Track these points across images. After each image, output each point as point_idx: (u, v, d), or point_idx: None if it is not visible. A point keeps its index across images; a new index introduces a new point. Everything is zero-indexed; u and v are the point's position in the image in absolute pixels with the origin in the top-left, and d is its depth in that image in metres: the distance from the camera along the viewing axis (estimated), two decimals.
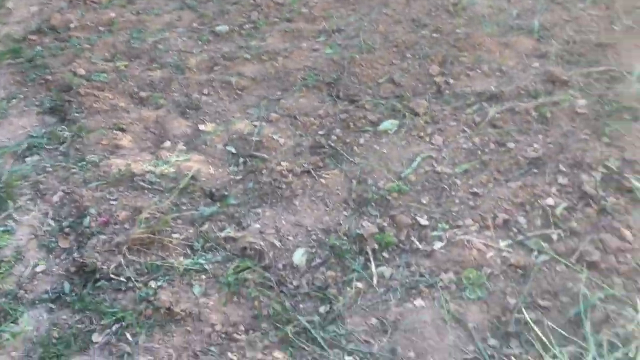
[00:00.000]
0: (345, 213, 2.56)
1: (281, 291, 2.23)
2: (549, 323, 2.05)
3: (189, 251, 2.37)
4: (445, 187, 2.64)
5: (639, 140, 2.74)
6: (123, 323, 2.09)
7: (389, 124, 3.02)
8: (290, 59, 3.58)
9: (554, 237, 2.36)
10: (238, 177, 2.77)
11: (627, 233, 2.33)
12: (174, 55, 3.69)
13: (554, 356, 1.92)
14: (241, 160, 2.87)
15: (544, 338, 1.98)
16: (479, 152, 2.80)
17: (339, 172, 2.76)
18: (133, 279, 2.23)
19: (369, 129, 3.01)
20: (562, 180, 2.59)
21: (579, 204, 2.48)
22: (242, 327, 2.09)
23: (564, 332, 2.01)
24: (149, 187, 2.68)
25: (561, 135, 2.85)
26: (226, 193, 2.67)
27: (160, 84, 3.42)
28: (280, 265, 2.34)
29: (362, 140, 2.94)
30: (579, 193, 2.53)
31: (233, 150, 2.93)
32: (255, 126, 3.06)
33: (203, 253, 2.37)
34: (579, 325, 2.03)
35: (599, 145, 2.73)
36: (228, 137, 3.02)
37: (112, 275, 2.26)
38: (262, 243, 2.39)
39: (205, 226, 2.48)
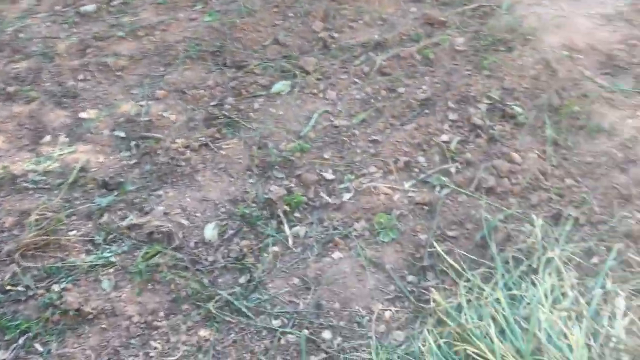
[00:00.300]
0: (250, 180, 2.51)
1: (197, 269, 2.16)
2: (459, 251, 2.15)
3: (90, 247, 2.22)
4: (345, 139, 2.66)
5: (515, 69, 2.91)
6: (29, 334, 1.93)
7: (281, 86, 2.98)
8: (169, 31, 3.41)
9: (453, 170, 2.46)
10: (132, 162, 2.62)
11: (516, 156, 2.48)
12: (39, 43, 3.37)
13: (467, 280, 2.02)
14: (132, 143, 2.71)
15: (456, 265, 2.08)
16: (372, 101, 2.85)
17: (237, 140, 2.69)
18: (32, 287, 2.06)
19: (261, 94, 2.95)
20: (452, 116, 2.70)
21: (471, 136, 2.61)
22: (161, 313, 2.01)
23: (473, 257, 2.13)
24: (34, 187, 2.47)
25: (445, 73, 2.95)
26: (122, 180, 2.52)
27: (28, 76, 3.12)
28: (192, 244, 2.26)
29: (256, 106, 2.88)
30: (468, 126, 2.65)
31: (122, 135, 2.76)
32: (141, 106, 2.89)
33: (107, 246, 2.23)
34: (485, 248, 2.15)
35: (481, 79, 2.87)
36: (114, 121, 2.83)
37: (8, 287, 2.07)
38: (169, 225, 2.29)
39: (105, 217, 2.34)
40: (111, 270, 2.13)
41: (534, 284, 1.94)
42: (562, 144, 2.54)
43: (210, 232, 2.30)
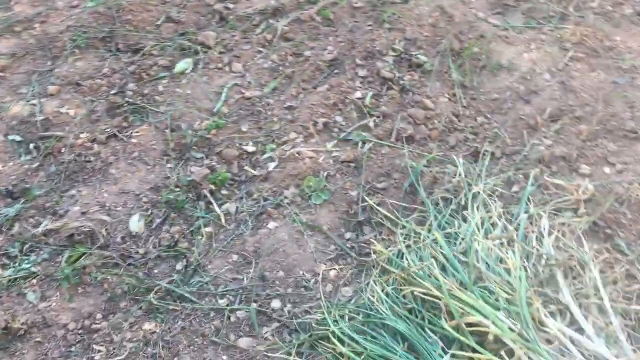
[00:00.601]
0: (169, 165, 2.40)
1: (129, 264, 2.05)
2: (391, 201, 2.19)
3: (6, 260, 2.04)
4: (260, 109, 2.61)
5: (414, 19, 2.97)
6: None
7: (183, 64, 2.85)
8: (49, 23, 3.14)
9: (371, 124, 2.49)
10: (35, 165, 2.41)
11: (429, 102, 2.55)
12: None
13: (403, 227, 2.07)
14: (31, 146, 2.49)
15: (390, 215, 2.12)
16: (281, 68, 2.80)
17: (147, 126, 2.55)
18: None
19: (164, 75, 2.81)
20: (361, 72, 2.72)
21: (383, 89, 2.64)
22: (99, 315, 1.89)
23: (405, 204, 2.18)
24: None
25: (348, 32, 2.96)
26: (27, 186, 2.32)
27: None
28: (118, 239, 2.13)
29: (161, 88, 2.74)
30: (379, 80, 2.68)
31: (17, 139, 2.53)
32: (34, 105, 2.66)
33: (24, 257, 2.06)
34: (415, 194, 2.21)
35: (383, 32, 2.90)
36: (6, 125, 2.58)
37: None
38: (89, 224, 2.14)
39: (16, 228, 2.15)
40: (34, 280, 1.97)
41: (465, 219, 2.03)
42: (468, 85, 2.64)
43: (135, 224, 2.18)
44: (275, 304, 1.93)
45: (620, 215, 2.01)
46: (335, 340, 1.74)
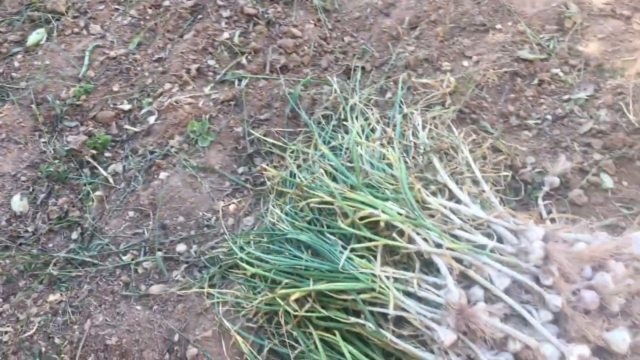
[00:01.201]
0: (42, 140, 2.29)
1: (20, 244, 1.97)
2: (275, 129, 2.24)
3: None
4: (129, 67, 2.53)
5: None
6: None
7: (36, 36, 2.68)
8: None
9: (244, 61, 2.50)
10: None
11: (296, 31, 2.59)
12: None
13: (292, 151, 2.13)
14: None
15: (277, 142, 2.18)
16: (142, 22, 2.71)
17: (10, 105, 2.41)
18: None
19: (17, 50, 2.64)
20: (225, 13, 2.69)
21: (250, 26, 2.64)
22: None
23: (290, 129, 2.23)
24: None
25: None
26: None
27: None
28: (3, 223, 2.03)
29: (17, 64, 2.58)
30: (244, 17, 2.67)
31: None
32: None
33: None
34: (297, 118, 2.26)
35: None
36: None
37: None
38: None
39: None
40: None
41: (347, 131, 2.12)
42: (330, 8, 2.70)
43: (18, 204, 2.08)
44: (181, 247, 1.94)
45: (482, 100, 2.19)
46: (244, 265, 1.79)
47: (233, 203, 2.06)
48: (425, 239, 1.60)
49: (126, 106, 2.38)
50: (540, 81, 2.21)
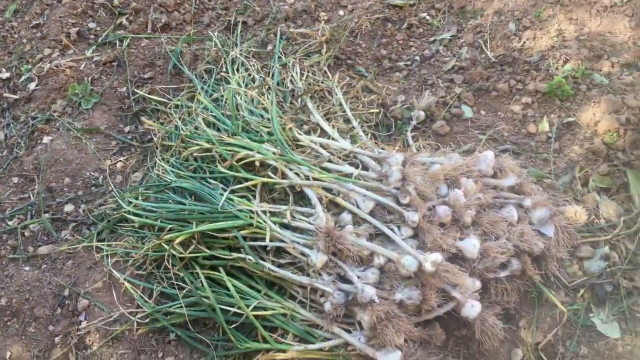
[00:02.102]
0: None
1: None
2: (159, 87, 2.26)
3: None
4: (5, 34, 2.47)
5: None
6: None
7: None
8: None
9: (125, 23, 2.49)
10: None
11: None
12: None
13: (176, 106, 2.17)
14: None
15: (162, 99, 2.21)
16: None
17: None
18: None
19: None
20: None
21: None
22: None
23: (174, 86, 2.26)
24: None
25: None
26: None
27: None
28: None
29: None
30: None
31: None
32: None
33: None
34: (180, 74, 2.30)
35: None
36: None
37: None
38: None
39: None
40: None
41: (228, 82, 2.18)
42: None
43: None
44: (69, 207, 1.96)
45: (357, 46, 2.31)
46: (132, 217, 1.84)
47: (120, 161, 2.08)
48: (297, 174, 1.71)
49: (4, 74, 2.33)
50: (410, 25, 2.35)
